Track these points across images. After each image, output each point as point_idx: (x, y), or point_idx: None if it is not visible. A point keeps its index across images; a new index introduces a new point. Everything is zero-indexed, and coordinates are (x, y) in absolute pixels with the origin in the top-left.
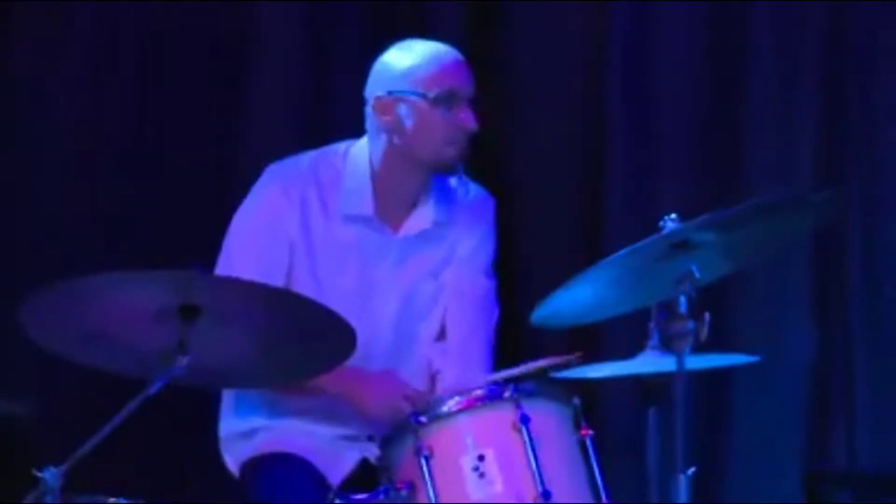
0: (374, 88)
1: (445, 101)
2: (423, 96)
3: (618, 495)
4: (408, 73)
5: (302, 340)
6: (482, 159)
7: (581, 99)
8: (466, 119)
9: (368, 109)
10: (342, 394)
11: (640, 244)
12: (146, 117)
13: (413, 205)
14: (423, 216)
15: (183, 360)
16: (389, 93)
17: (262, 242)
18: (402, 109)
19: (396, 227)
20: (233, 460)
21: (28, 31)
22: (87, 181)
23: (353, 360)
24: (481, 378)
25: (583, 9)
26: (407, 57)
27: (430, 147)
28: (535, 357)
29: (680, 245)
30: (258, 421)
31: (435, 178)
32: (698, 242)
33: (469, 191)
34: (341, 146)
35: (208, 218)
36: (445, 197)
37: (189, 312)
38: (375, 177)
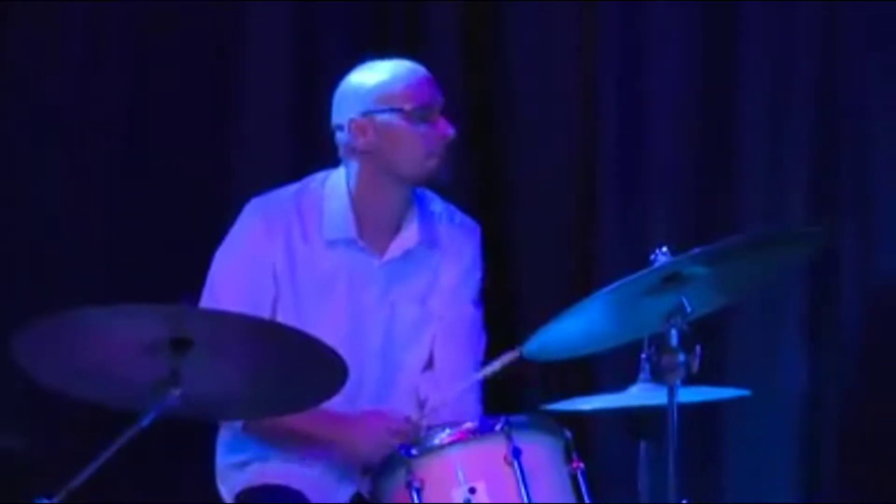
0: (346, 112)
1: (421, 113)
2: (400, 111)
3: None
4: (380, 92)
5: (294, 372)
6: (476, 182)
7: (574, 115)
8: (444, 128)
9: (342, 135)
10: (331, 440)
11: (631, 277)
12: (139, 119)
13: (397, 228)
14: (408, 238)
15: (175, 393)
16: (364, 113)
17: (247, 276)
18: (380, 128)
19: (382, 251)
20: (227, 491)
21: (22, 33)
22: (81, 183)
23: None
24: (467, 392)
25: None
26: (375, 76)
27: (412, 162)
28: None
29: (671, 278)
30: (253, 452)
31: (418, 202)
32: (689, 276)
33: (454, 217)
34: (320, 175)
35: (201, 219)
36: (430, 220)
37: (181, 345)
38: (355, 201)
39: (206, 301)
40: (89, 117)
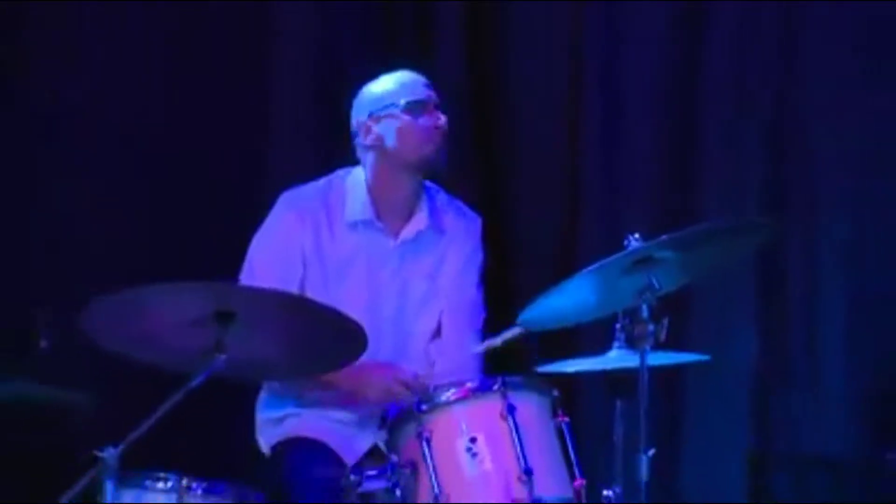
0: (356, 117)
1: (416, 107)
2: (397, 106)
3: (589, 472)
4: (381, 96)
5: (321, 341)
6: (478, 188)
7: (561, 126)
8: (437, 118)
9: (356, 139)
10: (346, 385)
11: (608, 259)
12: (172, 117)
13: (409, 213)
14: (419, 221)
15: (220, 358)
16: (370, 115)
17: (279, 258)
18: (382, 125)
19: (396, 234)
20: (265, 442)
21: (51, 32)
22: (117, 180)
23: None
24: (468, 358)
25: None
26: (377, 86)
27: (410, 148)
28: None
29: (642, 261)
30: (287, 409)
31: (427, 193)
32: (658, 259)
33: (460, 209)
34: (342, 171)
35: (238, 211)
36: (437, 208)
37: (225, 317)
38: (372, 189)
39: (244, 278)
40: (119, 119)
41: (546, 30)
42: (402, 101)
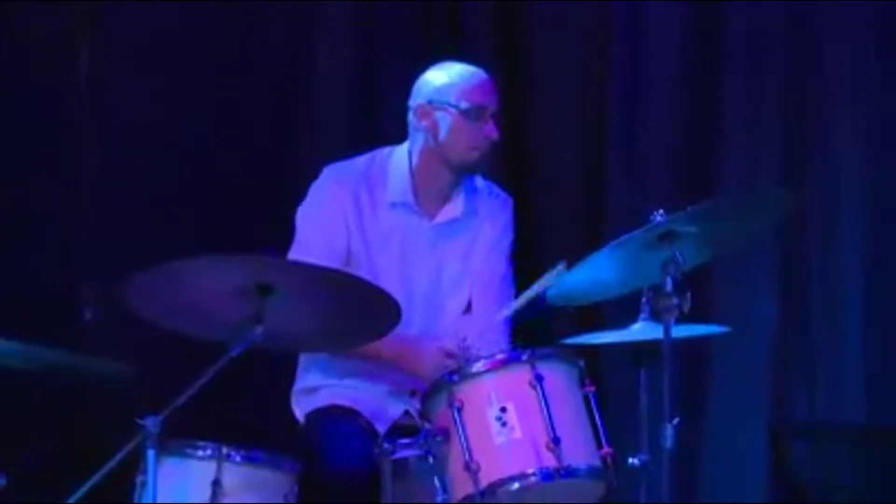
0: (416, 98)
1: (473, 113)
2: (456, 107)
3: (615, 440)
4: (445, 88)
5: (355, 314)
6: (510, 171)
7: (585, 117)
8: (490, 130)
9: (410, 115)
10: (398, 365)
11: (633, 234)
12: (217, 101)
13: (447, 198)
14: (455, 207)
15: (258, 329)
16: (429, 102)
17: (325, 228)
18: (438, 116)
19: (433, 215)
20: (300, 411)
21: (119, 40)
22: (160, 158)
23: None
24: (497, 332)
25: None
26: (445, 75)
27: (457, 150)
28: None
29: (666, 235)
30: (321, 379)
31: (465, 178)
32: (681, 233)
33: (492, 190)
34: (386, 150)
35: (275, 191)
36: (473, 193)
37: (263, 290)
38: (414, 172)
39: (295, 249)
40: (179, 98)
41: (571, 18)
42: (463, 104)
